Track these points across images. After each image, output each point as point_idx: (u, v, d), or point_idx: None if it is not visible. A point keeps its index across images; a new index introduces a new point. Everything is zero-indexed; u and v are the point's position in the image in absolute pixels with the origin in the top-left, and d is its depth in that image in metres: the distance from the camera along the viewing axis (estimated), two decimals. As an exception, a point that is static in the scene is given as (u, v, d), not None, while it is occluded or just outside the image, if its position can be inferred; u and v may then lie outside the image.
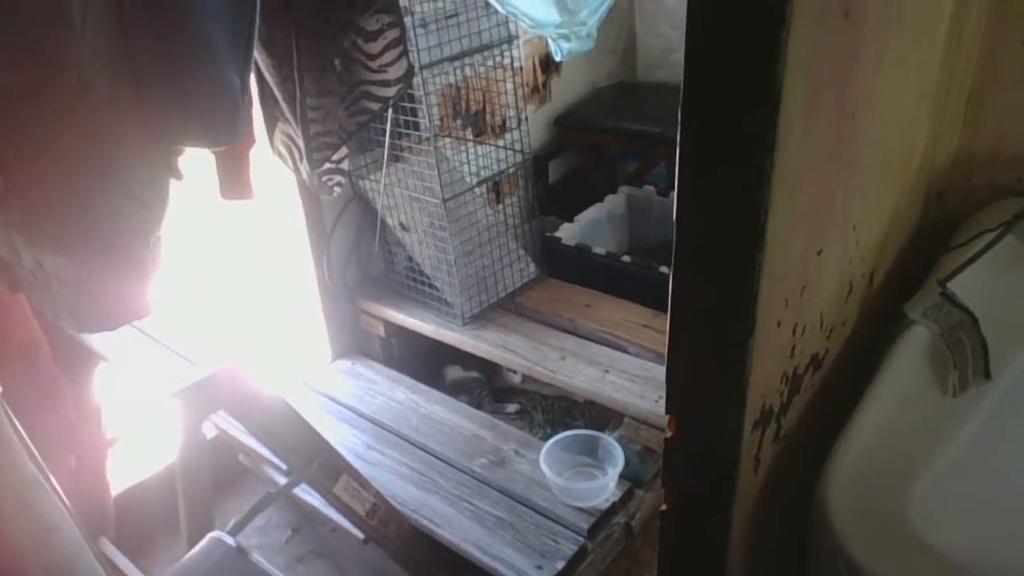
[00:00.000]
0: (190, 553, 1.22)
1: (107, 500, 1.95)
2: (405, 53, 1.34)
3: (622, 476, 1.95)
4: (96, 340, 1.65)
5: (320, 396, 2.39)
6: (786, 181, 0.58)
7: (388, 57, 1.32)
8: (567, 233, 2.59)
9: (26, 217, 0.95)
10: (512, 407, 2.49)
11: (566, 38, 1.69)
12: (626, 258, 2.41)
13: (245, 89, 1.02)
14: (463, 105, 2.54)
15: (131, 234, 1.03)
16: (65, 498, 1.01)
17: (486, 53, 2.19)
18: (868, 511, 0.73)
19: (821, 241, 0.70)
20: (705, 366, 0.54)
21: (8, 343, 1.64)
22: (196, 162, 1.19)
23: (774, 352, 0.57)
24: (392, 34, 1.30)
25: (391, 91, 1.36)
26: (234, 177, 1.19)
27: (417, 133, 2.17)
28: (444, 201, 2.15)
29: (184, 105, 0.98)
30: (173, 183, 1.08)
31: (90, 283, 1.04)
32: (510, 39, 2.17)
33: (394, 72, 1.34)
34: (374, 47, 1.31)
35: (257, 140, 1.22)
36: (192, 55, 0.96)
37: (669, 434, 0.57)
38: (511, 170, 2.44)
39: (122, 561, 1.88)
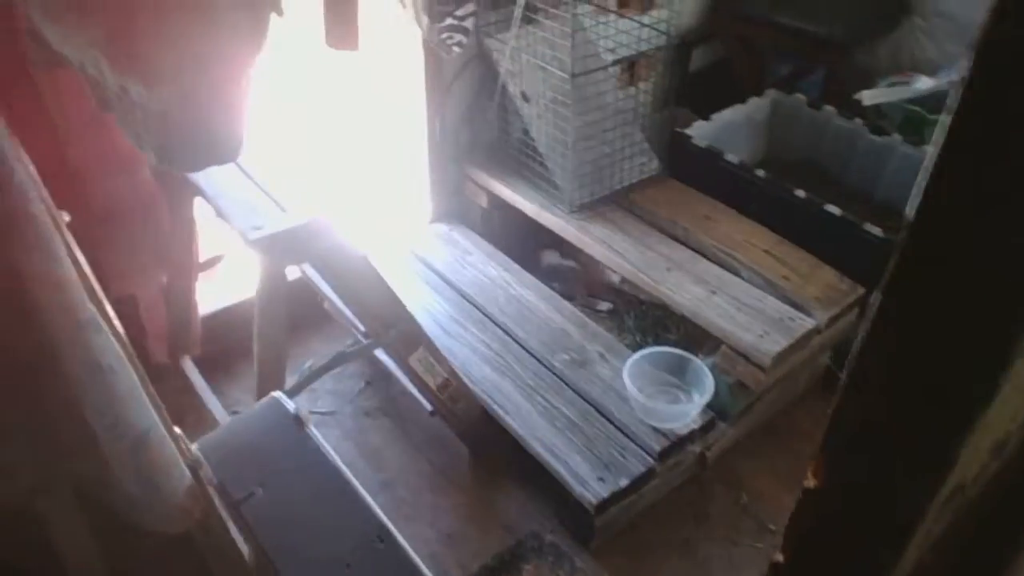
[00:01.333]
0: (247, 412, 1.19)
1: (194, 320, 1.98)
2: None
3: (708, 405, 1.83)
4: (196, 173, 1.61)
5: (412, 257, 2.33)
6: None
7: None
8: (699, 132, 2.37)
9: (111, 38, 0.86)
10: (605, 305, 2.38)
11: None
12: (760, 172, 2.19)
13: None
14: (613, -30, 2.29)
15: (221, 69, 0.93)
16: (124, 337, 0.97)
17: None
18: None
19: None
20: (900, 429, 0.38)
21: (110, 153, 1.62)
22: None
23: (1007, 407, 0.41)
24: None
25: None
26: (341, 23, 1.06)
27: (554, -6, 1.96)
28: (572, 76, 1.96)
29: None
30: (273, 18, 0.97)
31: (174, 118, 0.95)
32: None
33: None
34: None
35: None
36: None
37: (812, 483, 0.43)
38: (650, 51, 2.20)
39: (199, 382, 1.92)
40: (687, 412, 1.82)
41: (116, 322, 0.95)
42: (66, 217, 0.89)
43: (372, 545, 0.99)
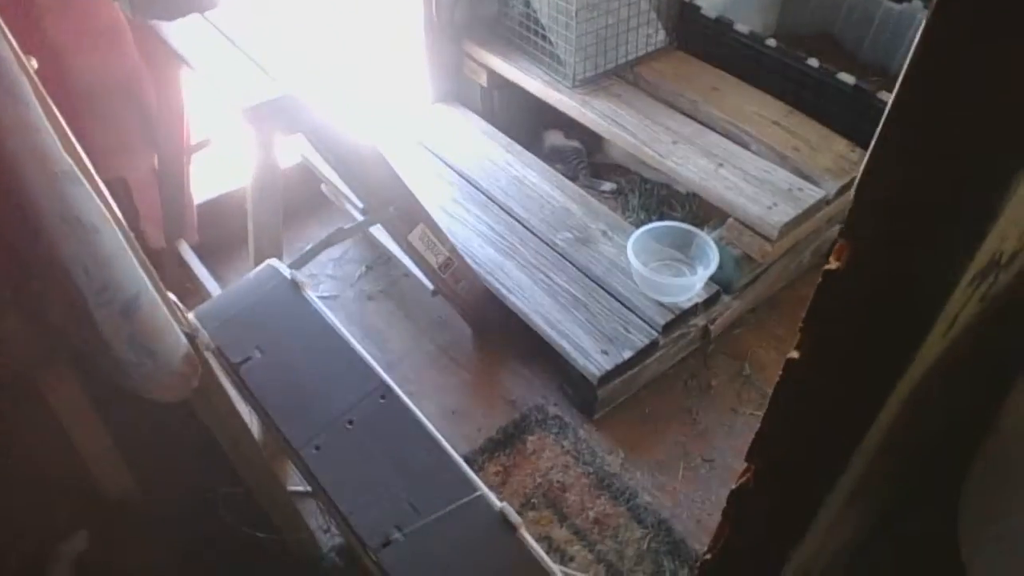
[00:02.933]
0: (244, 277, 1.17)
1: (188, 204, 1.94)
2: None
3: (712, 278, 1.81)
4: (178, 41, 1.53)
5: (411, 139, 2.27)
6: None
7: None
8: (708, 2, 2.25)
9: None
10: (608, 185, 2.33)
11: None
12: (771, 42, 2.09)
13: None
14: None
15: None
16: (110, 199, 0.93)
17: None
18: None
19: None
20: (935, 179, 0.35)
21: (89, 26, 1.55)
22: None
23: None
24: None
25: None
26: None
27: None
28: (575, -63, 1.85)
29: None
30: None
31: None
32: None
33: None
34: None
35: None
36: None
37: (834, 265, 0.41)
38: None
39: (197, 265, 1.90)
40: (691, 285, 1.80)
41: (100, 183, 0.91)
42: (34, 63, 0.84)
43: (374, 401, 0.98)
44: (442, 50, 2.31)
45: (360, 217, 1.77)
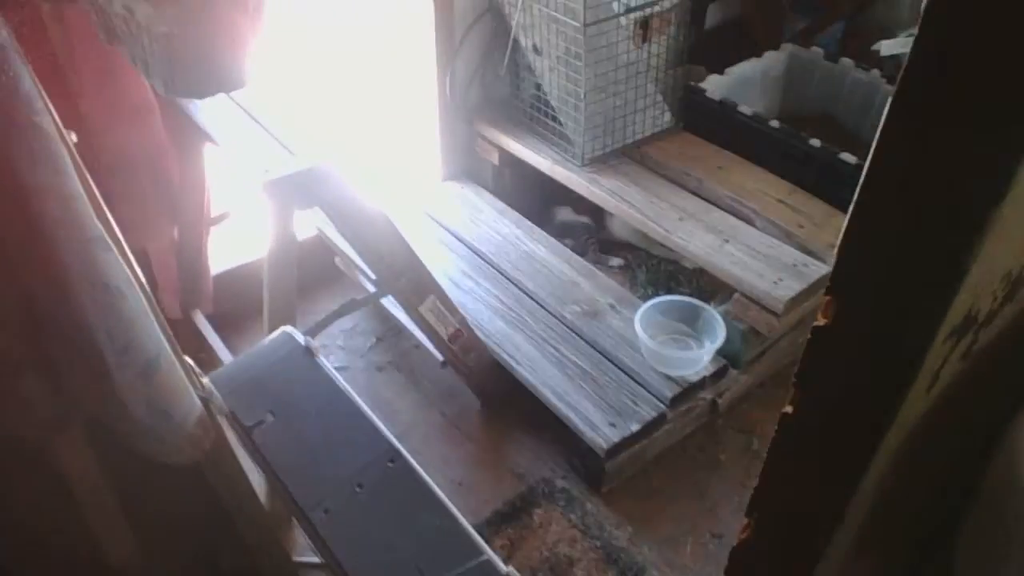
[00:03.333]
0: (259, 343, 1.20)
1: (205, 275, 1.99)
2: None
3: (719, 353, 1.83)
4: (204, 117, 1.61)
5: (424, 215, 2.33)
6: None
7: None
8: (713, 86, 2.34)
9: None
10: (616, 261, 2.37)
11: None
12: (774, 123, 2.16)
13: None
14: (626, -78, 2.25)
15: (228, -10, 0.93)
16: (135, 263, 0.97)
17: None
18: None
19: None
20: (908, 240, 0.38)
21: (122, 103, 1.62)
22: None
23: (1010, 238, 0.41)
24: None
25: None
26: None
27: (568, -55, 1.94)
28: (585, 26, 1.94)
29: None
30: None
31: (181, 41, 0.95)
32: None
33: None
34: None
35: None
36: None
37: (822, 321, 0.43)
38: (665, 5, 2.18)
39: (211, 336, 1.94)
40: (699, 358, 1.81)
41: (127, 248, 0.95)
42: (73, 137, 0.90)
43: (383, 465, 0.99)
44: (455, 129, 2.40)
45: (372, 288, 1.81)
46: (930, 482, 0.67)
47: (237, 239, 2.13)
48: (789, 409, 0.47)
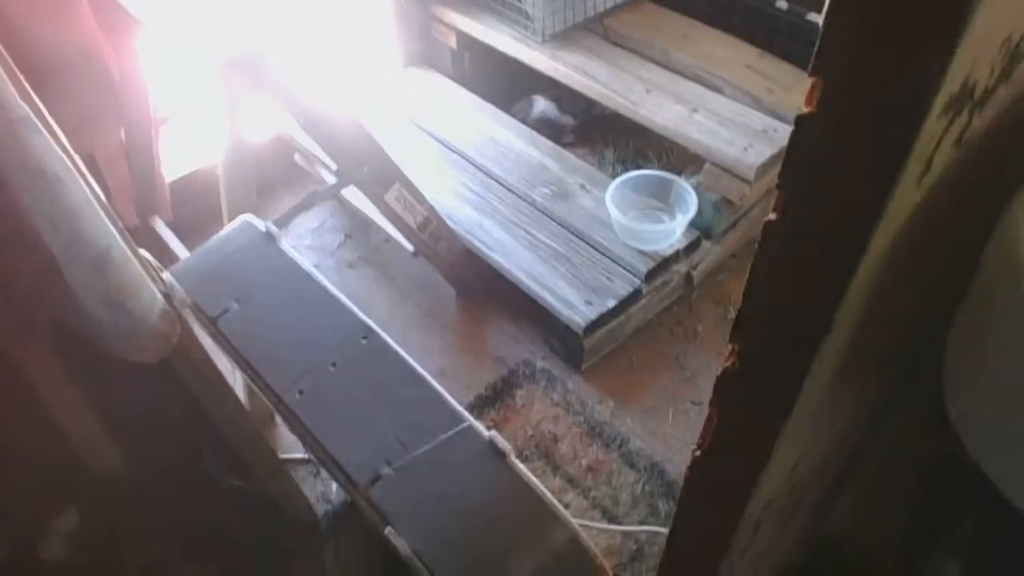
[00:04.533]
0: (220, 232, 1.15)
1: (160, 179, 1.91)
2: None
3: (692, 225, 1.81)
4: (137, 4, 1.50)
5: (383, 103, 2.24)
6: None
7: None
8: (676, -49, 2.24)
9: None
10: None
11: None
12: (739, -15, 2.08)
13: None
14: None
15: None
16: (77, 158, 0.91)
17: None
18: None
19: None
20: None
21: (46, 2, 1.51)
22: None
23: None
24: None
25: None
26: None
27: None
28: None
29: None
30: None
31: None
32: None
33: None
34: None
35: None
36: None
37: (806, 110, 0.40)
38: None
39: (173, 241, 1.88)
40: (671, 231, 1.79)
41: (62, 138, 0.89)
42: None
43: (356, 342, 0.97)
44: (409, 14, 2.28)
45: (334, 179, 1.75)
46: (919, 299, 0.66)
47: (188, 144, 2.04)
48: (772, 216, 0.44)
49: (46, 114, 0.91)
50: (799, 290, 0.47)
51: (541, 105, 2.30)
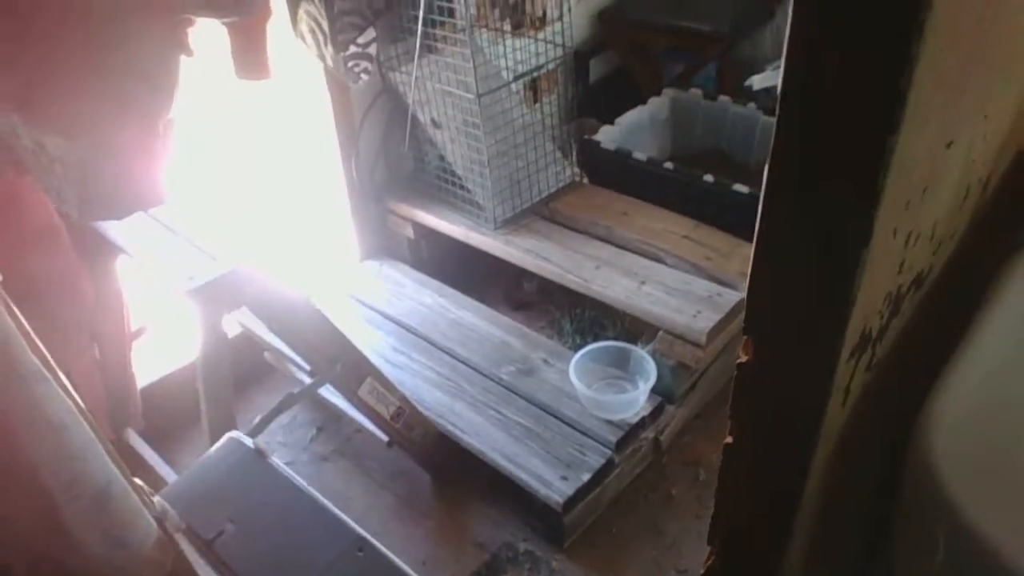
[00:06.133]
0: (207, 453, 1.18)
1: (133, 392, 1.94)
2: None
3: (654, 391, 1.89)
4: (116, 232, 1.60)
5: (346, 297, 2.34)
6: (936, 37, 0.43)
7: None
8: (606, 137, 2.46)
9: (26, 91, 0.87)
10: (529, 286, 2.42)
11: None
12: (668, 165, 2.28)
13: (261, -47, 0.91)
14: (503, -6, 2.38)
15: (138, 116, 0.95)
16: (75, 392, 0.96)
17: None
18: (980, 457, 0.63)
19: (952, 130, 0.56)
20: (801, 281, 0.44)
21: (26, 229, 1.59)
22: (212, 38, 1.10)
23: (884, 267, 0.47)
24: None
25: (424, -33, 1.23)
26: (250, 53, 1.09)
27: (452, 21, 2.03)
28: (479, 96, 2.02)
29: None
30: (183, 60, 0.99)
31: (95, 167, 0.96)
32: (557, -80, 2.00)
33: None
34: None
35: (275, 14, 1.11)
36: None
37: (744, 358, 0.49)
38: (550, 66, 2.29)
39: (148, 453, 1.88)
40: (636, 399, 1.87)
41: (63, 377, 0.94)
42: (-2, 276, 0.89)
43: (353, 556, 1.00)
44: (366, 209, 2.43)
45: (307, 380, 1.81)
46: (864, 484, 0.73)
47: (154, 351, 2.08)
48: (729, 440, 0.52)
49: (41, 347, 0.96)
50: (762, 503, 0.54)
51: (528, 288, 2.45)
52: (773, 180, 0.44)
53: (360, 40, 1.30)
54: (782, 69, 0.44)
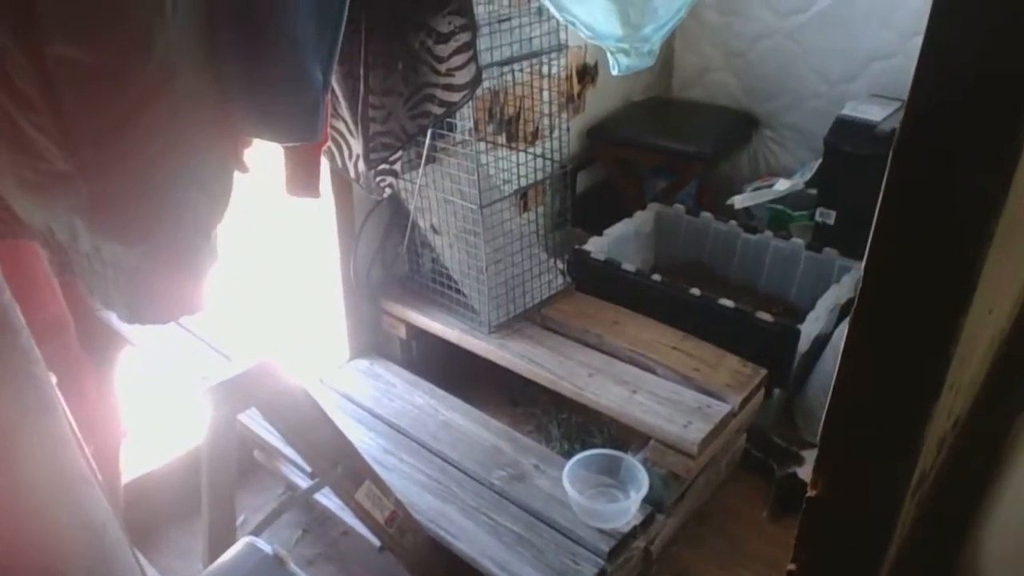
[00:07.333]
0: (223, 558, 1.18)
1: (118, 490, 1.90)
2: (474, 58, 1.30)
3: (643, 499, 1.91)
4: (128, 328, 1.62)
5: (336, 395, 2.35)
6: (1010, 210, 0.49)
7: (457, 61, 1.29)
8: (595, 247, 2.56)
9: (93, 203, 0.92)
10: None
11: (625, 53, 1.65)
12: (656, 277, 2.38)
13: (327, 85, 0.99)
14: (499, 110, 2.51)
15: (195, 226, 1.00)
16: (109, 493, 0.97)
17: (533, 60, 2.15)
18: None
19: (995, 297, 0.63)
20: (877, 427, 0.50)
21: (37, 323, 1.60)
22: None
23: (940, 416, 0.54)
24: (464, 37, 1.27)
25: (457, 96, 1.32)
26: (304, 174, 1.15)
27: (451, 135, 2.14)
28: (481, 207, 2.11)
29: (265, 98, 0.95)
30: (237, 176, 1.05)
31: (148, 274, 1.00)
32: (560, 48, 2.14)
33: (461, 77, 1.30)
34: (444, 49, 1.28)
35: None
36: (278, 47, 0.92)
37: (813, 492, 0.54)
38: (541, 179, 2.40)
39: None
40: (627, 509, 1.89)
41: (97, 473, 0.95)
42: (53, 379, 0.91)
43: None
44: (359, 307, 2.47)
45: (297, 479, 1.80)
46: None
47: (136, 447, 2.06)
48: (792, 567, 0.57)
49: (85, 449, 0.97)
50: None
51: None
52: (852, 345, 0.50)
53: (391, 158, 1.38)
54: (861, 278, 0.51)
